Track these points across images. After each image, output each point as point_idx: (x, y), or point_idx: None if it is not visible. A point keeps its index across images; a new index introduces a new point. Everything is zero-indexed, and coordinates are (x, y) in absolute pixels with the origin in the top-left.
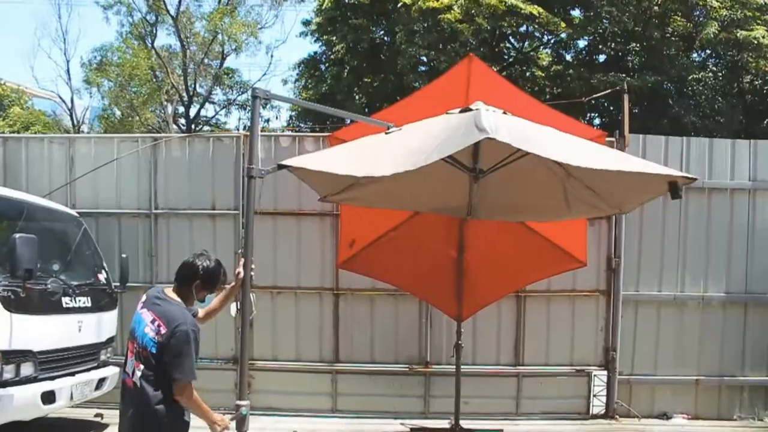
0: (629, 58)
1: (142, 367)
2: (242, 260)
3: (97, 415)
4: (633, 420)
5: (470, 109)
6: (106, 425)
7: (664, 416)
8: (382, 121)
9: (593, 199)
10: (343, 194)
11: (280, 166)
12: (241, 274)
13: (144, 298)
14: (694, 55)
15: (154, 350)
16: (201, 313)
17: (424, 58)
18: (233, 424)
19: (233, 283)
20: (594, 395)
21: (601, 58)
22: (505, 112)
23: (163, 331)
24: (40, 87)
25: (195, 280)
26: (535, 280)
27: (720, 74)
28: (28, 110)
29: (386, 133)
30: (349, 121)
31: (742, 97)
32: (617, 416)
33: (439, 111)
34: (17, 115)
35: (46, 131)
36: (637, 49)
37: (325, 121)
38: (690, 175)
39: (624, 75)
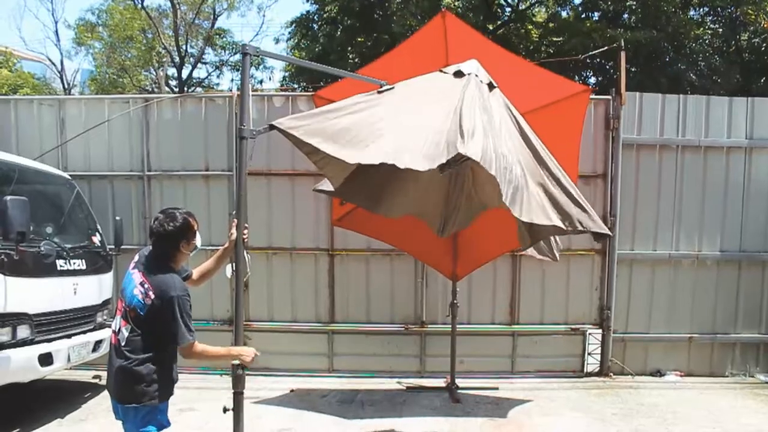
0: (625, 15)
1: (129, 326)
2: (234, 221)
3: (95, 377)
4: (627, 377)
5: (462, 73)
6: (104, 386)
7: (658, 373)
8: (368, 77)
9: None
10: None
11: (271, 127)
12: (234, 236)
13: (136, 257)
14: (692, 12)
15: (142, 313)
16: (195, 275)
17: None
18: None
19: (226, 245)
20: (588, 353)
21: (597, 16)
22: (492, 84)
23: (152, 295)
24: (28, 49)
25: (178, 242)
26: None
27: (719, 30)
28: (17, 72)
29: (378, 92)
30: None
31: (739, 55)
32: (611, 374)
33: (421, 66)
34: (5, 78)
35: (35, 94)
36: (634, 6)
37: (318, 81)
38: (606, 231)
39: (621, 30)
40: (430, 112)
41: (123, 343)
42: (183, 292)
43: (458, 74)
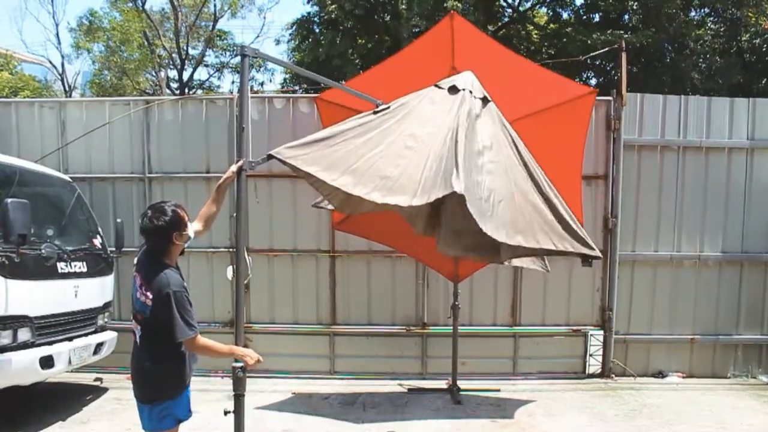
0: (626, 16)
1: (139, 327)
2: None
3: (96, 380)
4: (629, 379)
5: (457, 89)
6: (105, 389)
7: (659, 374)
8: (365, 94)
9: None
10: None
11: (270, 156)
12: (235, 167)
13: (136, 259)
14: (692, 13)
15: (146, 314)
16: (199, 225)
17: (423, 23)
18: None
19: (224, 178)
20: (590, 354)
21: (598, 17)
22: (486, 98)
23: (150, 295)
24: (29, 51)
25: (170, 235)
26: None
27: (721, 31)
28: (17, 75)
29: (374, 113)
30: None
31: (740, 56)
32: (613, 375)
33: (426, 72)
34: (6, 80)
35: (36, 96)
36: (635, 7)
37: (318, 83)
38: (598, 255)
39: (622, 32)
40: (425, 137)
41: (138, 344)
42: (178, 288)
43: (453, 90)
